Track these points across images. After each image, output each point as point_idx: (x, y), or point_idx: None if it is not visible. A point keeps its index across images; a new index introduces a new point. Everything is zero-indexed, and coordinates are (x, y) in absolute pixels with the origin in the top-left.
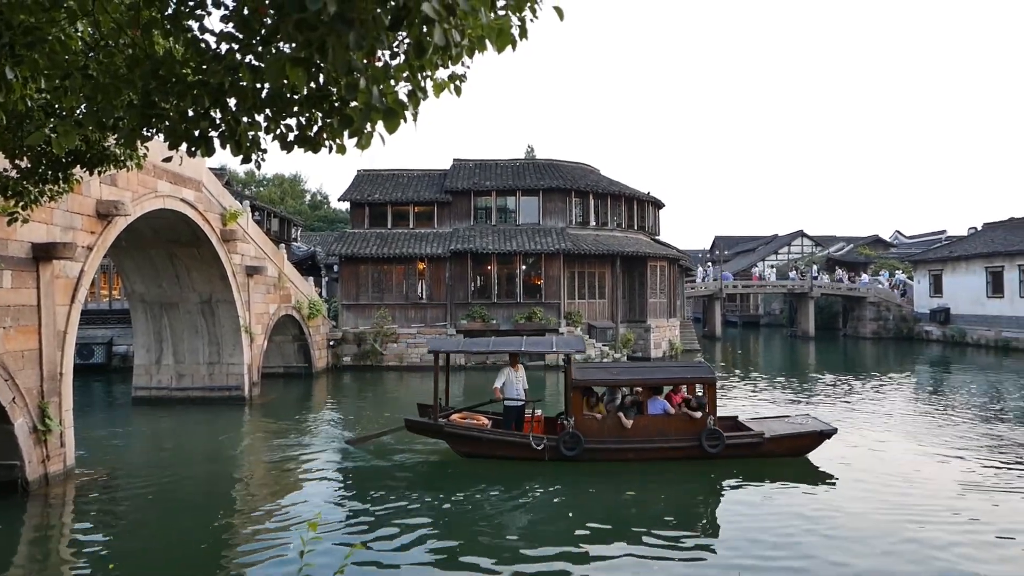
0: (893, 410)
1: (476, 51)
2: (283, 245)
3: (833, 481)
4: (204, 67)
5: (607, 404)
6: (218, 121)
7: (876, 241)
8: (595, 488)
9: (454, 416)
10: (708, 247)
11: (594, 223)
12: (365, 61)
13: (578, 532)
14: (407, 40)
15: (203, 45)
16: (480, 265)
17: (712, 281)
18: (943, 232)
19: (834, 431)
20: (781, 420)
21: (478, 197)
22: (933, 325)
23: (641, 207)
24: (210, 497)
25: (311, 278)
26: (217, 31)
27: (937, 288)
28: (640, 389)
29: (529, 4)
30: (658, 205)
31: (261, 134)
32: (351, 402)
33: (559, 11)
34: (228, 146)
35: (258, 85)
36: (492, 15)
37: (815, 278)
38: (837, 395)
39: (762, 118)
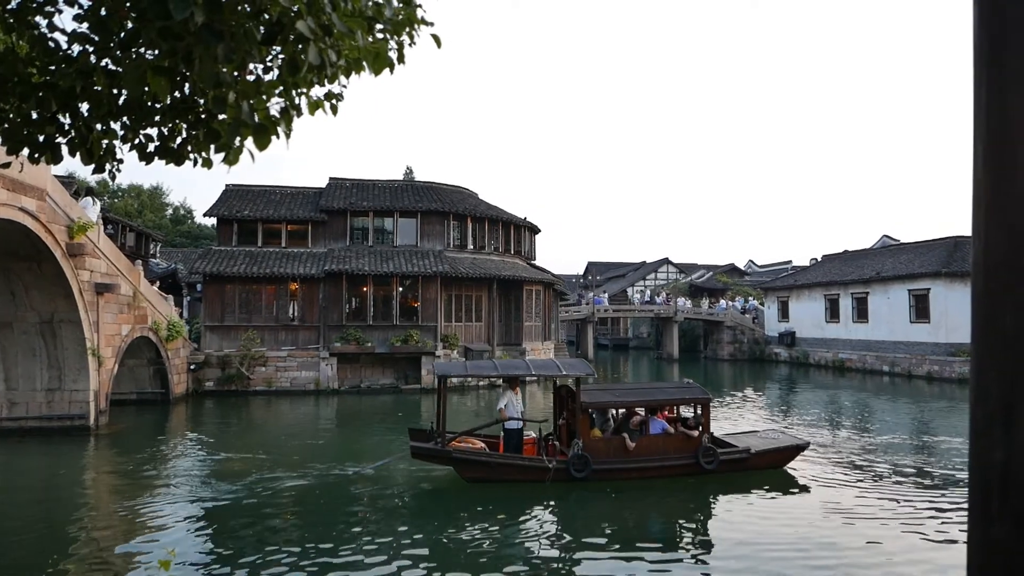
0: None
1: (353, 72)
2: (139, 261)
3: (808, 489)
4: (52, 68)
5: (601, 426)
6: (67, 127)
7: (732, 269)
8: (597, 508)
9: (452, 442)
10: (581, 272)
11: (472, 246)
12: (235, 74)
13: (584, 553)
14: (281, 56)
15: (52, 44)
16: (356, 286)
17: (585, 304)
18: (789, 262)
19: (807, 444)
20: (754, 435)
21: (355, 217)
22: (781, 347)
23: (518, 232)
24: (44, 541)
25: (171, 297)
26: (69, 30)
27: (784, 313)
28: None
29: (407, 30)
30: (534, 230)
31: (117, 143)
32: (213, 429)
33: (437, 39)
34: (78, 154)
35: (115, 91)
36: (369, 38)
37: (681, 304)
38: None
39: (630, 150)
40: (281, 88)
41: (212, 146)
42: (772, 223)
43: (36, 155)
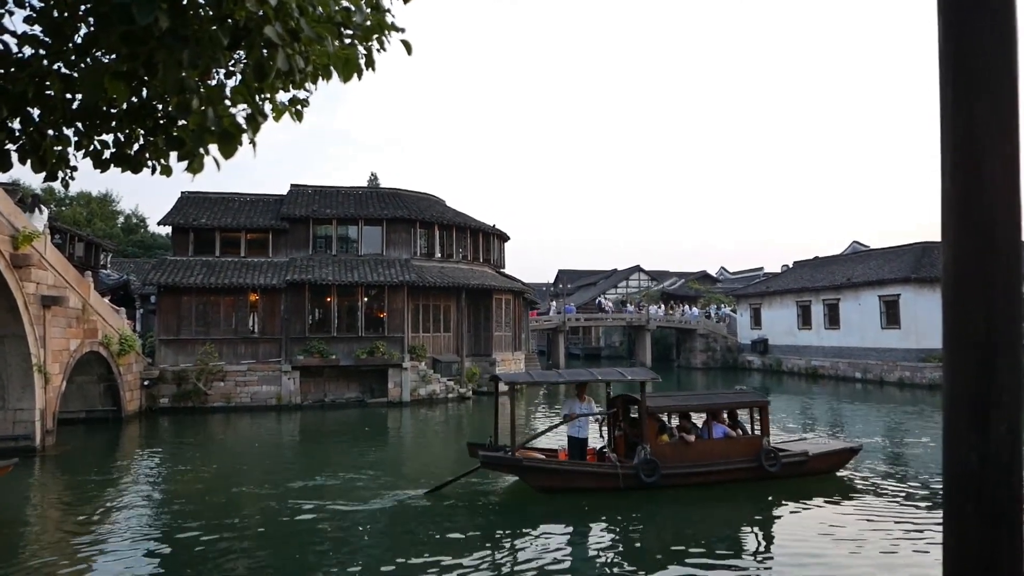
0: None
1: (321, 78)
2: (89, 273)
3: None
4: (2, 72)
5: (665, 432)
6: (18, 133)
7: (704, 277)
8: (665, 514)
9: (516, 451)
10: (552, 280)
11: (439, 255)
12: (198, 80)
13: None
14: (246, 61)
15: (1, 47)
16: (319, 297)
17: (555, 314)
18: (761, 269)
19: (860, 448)
20: (802, 442)
21: (318, 225)
22: (754, 355)
23: (486, 240)
24: None
25: (123, 310)
26: (20, 33)
27: (757, 321)
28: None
29: (376, 36)
30: (503, 238)
31: (70, 149)
32: (168, 449)
33: (407, 45)
34: (29, 161)
35: (68, 96)
36: (338, 44)
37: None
38: None
39: (601, 157)
40: (246, 94)
41: (173, 153)
42: (744, 230)
43: None
